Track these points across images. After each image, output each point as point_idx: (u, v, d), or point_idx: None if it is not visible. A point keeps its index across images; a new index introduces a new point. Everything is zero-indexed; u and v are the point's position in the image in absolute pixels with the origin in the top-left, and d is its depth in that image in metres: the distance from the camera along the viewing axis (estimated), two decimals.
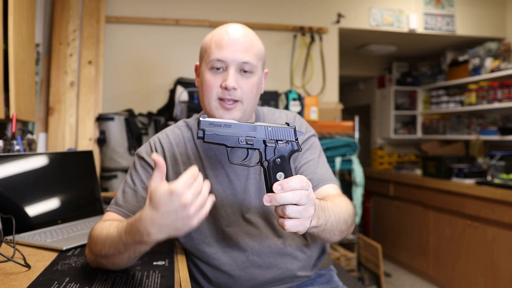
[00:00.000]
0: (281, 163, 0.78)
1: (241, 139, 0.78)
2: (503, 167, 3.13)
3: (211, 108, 0.99)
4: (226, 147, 0.79)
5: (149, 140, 1.10)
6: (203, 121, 0.77)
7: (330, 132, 2.88)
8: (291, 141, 0.81)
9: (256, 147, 0.79)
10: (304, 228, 0.74)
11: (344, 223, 0.94)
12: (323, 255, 1.15)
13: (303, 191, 0.72)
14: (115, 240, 0.81)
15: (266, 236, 1.03)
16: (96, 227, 0.91)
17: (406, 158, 4.46)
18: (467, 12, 3.62)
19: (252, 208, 1.04)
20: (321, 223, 0.83)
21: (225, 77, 0.97)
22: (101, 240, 0.85)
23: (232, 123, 0.78)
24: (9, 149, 1.49)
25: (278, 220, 0.74)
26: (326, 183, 1.05)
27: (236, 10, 3.08)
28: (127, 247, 0.79)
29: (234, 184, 1.04)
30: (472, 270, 2.99)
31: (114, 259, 0.84)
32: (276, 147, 0.79)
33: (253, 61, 0.99)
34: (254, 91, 1.01)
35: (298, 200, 0.71)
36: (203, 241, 1.04)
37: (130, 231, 0.77)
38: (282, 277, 1.03)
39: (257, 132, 0.79)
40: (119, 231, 0.81)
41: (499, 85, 3.37)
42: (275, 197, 0.71)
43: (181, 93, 2.53)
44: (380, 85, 4.76)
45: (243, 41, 0.99)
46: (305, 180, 0.74)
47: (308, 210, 0.73)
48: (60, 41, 2.57)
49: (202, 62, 1.02)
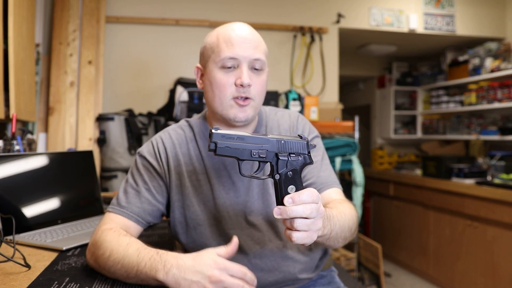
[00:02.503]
0: (293, 176, 0.77)
1: (254, 152, 0.77)
2: (503, 167, 3.13)
3: (225, 107, 0.97)
4: (238, 160, 0.78)
5: (151, 139, 1.08)
6: (216, 133, 0.75)
7: (330, 132, 2.88)
8: (303, 154, 0.80)
9: (268, 160, 0.78)
10: (311, 240, 0.74)
11: (349, 231, 0.93)
12: (325, 257, 1.15)
13: (313, 204, 0.72)
14: (131, 264, 0.81)
15: (268, 239, 1.02)
16: (110, 239, 0.88)
17: (406, 158, 4.46)
18: (467, 12, 3.62)
19: (255, 210, 1.02)
20: (327, 233, 0.83)
21: (239, 75, 0.96)
22: (115, 258, 0.84)
23: (245, 136, 0.77)
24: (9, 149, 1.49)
25: (286, 232, 0.74)
26: (329, 187, 1.04)
27: (236, 10, 3.08)
28: (138, 274, 0.80)
29: (237, 186, 1.03)
30: (472, 270, 2.99)
31: (117, 275, 0.84)
32: (289, 160, 0.78)
33: (263, 58, 0.99)
34: (264, 88, 1.01)
35: (309, 214, 0.71)
36: (205, 244, 1.03)
37: (155, 260, 0.79)
38: (283, 280, 1.03)
39: (269, 145, 0.78)
40: (139, 259, 0.81)
41: (499, 85, 3.37)
42: (285, 210, 0.71)
43: (181, 93, 2.53)
44: (380, 85, 4.76)
45: (252, 39, 0.98)
46: (315, 193, 0.74)
47: (317, 223, 0.74)
48: (60, 41, 2.57)
49: (209, 62, 1.00)
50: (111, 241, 0.87)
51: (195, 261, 0.77)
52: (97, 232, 0.93)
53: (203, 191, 1.02)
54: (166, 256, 0.79)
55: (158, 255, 0.80)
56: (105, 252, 0.85)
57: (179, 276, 0.76)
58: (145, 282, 0.81)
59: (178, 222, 1.03)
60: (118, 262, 0.83)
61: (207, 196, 1.02)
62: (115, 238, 0.88)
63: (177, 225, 1.04)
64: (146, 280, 0.80)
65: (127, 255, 0.83)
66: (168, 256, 0.79)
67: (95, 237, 0.91)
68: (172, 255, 0.79)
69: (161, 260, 0.79)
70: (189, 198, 1.02)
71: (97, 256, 0.87)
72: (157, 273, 0.77)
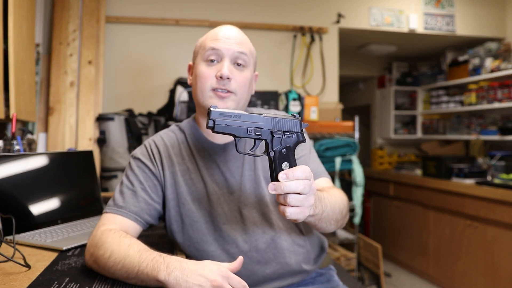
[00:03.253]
0: (287, 153, 0.81)
1: (250, 130, 0.80)
2: (503, 167, 3.13)
3: (205, 98, 1.01)
4: (235, 137, 0.80)
5: (144, 143, 1.11)
6: (214, 111, 0.77)
7: (330, 132, 2.88)
8: (296, 132, 0.83)
9: (263, 137, 0.81)
10: (304, 216, 0.78)
11: (340, 213, 0.97)
12: (323, 253, 1.17)
13: (306, 180, 0.76)
14: (132, 265, 0.81)
15: (263, 231, 1.04)
16: (111, 240, 0.88)
17: (406, 158, 4.46)
18: (467, 12, 3.62)
19: (248, 204, 1.05)
20: (318, 212, 0.86)
21: (220, 68, 1.00)
22: (116, 258, 0.84)
23: (242, 114, 0.80)
24: (9, 149, 1.49)
25: (279, 208, 0.77)
26: (318, 177, 1.09)
27: (236, 10, 3.08)
28: (139, 274, 0.80)
29: (230, 182, 1.05)
30: (472, 270, 2.99)
31: (117, 275, 0.84)
32: (283, 138, 0.81)
33: (247, 53, 1.03)
34: (247, 85, 1.04)
35: (302, 189, 0.75)
36: (201, 240, 1.04)
37: (157, 261, 0.79)
38: (281, 271, 1.04)
39: (264, 122, 0.81)
40: (141, 260, 0.81)
41: (499, 85, 3.37)
42: (280, 185, 0.75)
43: (181, 93, 2.53)
44: (380, 85, 4.76)
45: (236, 37, 1.04)
46: (308, 170, 0.77)
47: (309, 199, 0.77)
48: (60, 41, 2.57)
49: (197, 58, 1.06)
50: (112, 242, 0.88)
51: (198, 266, 0.77)
52: (96, 233, 0.93)
53: (197, 189, 1.05)
54: (170, 259, 0.80)
55: (161, 257, 0.80)
56: (106, 252, 0.85)
57: (181, 278, 0.75)
58: (145, 283, 0.80)
59: (174, 221, 1.05)
60: (118, 263, 0.83)
61: (201, 193, 1.05)
62: (115, 239, 0.88)
63: (173, 223, 1.06)
64: (146, 281, 0.80)
65: (128, 255, 0.83)
66: (171, 259, 0.80)
67: (95, 238, 0.91)
68: (176, 258, 0.80)
69: (164, 261, 0.79)
70: (184, 196, 1.05)
71: (97, 257, 0.87)
72: (159, 273, 0.77)
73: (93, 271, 0.89)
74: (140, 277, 0.80)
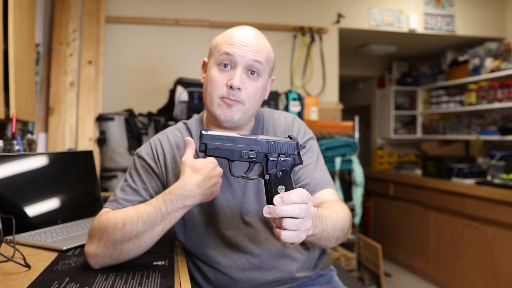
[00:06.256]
0: (283, 177, 0.78)
1: (244, 153, 0.78)
2: (503, 167, 3.13)
3: (213, 105, 1.00)
4: (228, 160, 0.79)
5: (149, 141, 1.09)
6: (206, 134, 0.77)
7: (330, 132, 2.88)
8: (293, 154, 0.81)
9: (258, 160, 0.79)
10: (300, 240, 0.75)
11: (341, 230, 0.94)
12: (324, 256, 1.15)
13: (303, 204, 0.73)
14: (151, 214, 0.87)
15: (265, 238, 1.03)
16: (116, 214, 0.91)
17: (406, 158, 4.46)
18: (467, 12, 3.62)
19: (251, 210, 1.03)
20: (318, 232, 0.84)
21: (231, 76, 0.97)
22: (132, 221, 0.88)
23: (235, 137, 0.78)
24: (9, 149, 1.49)
25: (275, 230, 0.75)
26: (323, 188, 1.05)
27: (236, 10, 3.08)
28: (165, 217, 0.87)
29: (233, 187, 1.04)
30: (472, 270, 2.99)
31: (145, 237, 0.88)
32: (278, 161, 0.79)
33: (262, 62, 1.00)
34: (258, 94, 1.01)
35: (298, 214, 0.72)
36: (202, 244, 1.04)
37: (171, 200, 0.87)
38: (282, 278, 1.03)
39: (259, 145, 0.79)
40: (153, 205, 0.88)
41: (499, 85, 3.37)
42: (274, 209, 0.72)
43: (181, 93, 2.53)
44: (380, 85, 4.76)
45: (254, 43, 1.00)
46: (305, 193, 0.74)
47: (306, 223, 0.74)
48: (60, 41, 2.57)
49: (211, 59, 1.03)
50: (117, 214, 0.91)
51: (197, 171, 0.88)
52: (95, 221, 0.94)
53: None
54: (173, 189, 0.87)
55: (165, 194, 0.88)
56: (117, 224, 0.89)
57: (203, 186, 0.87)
58: (173, 220, 0.88)
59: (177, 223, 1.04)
60: (137, 222, 0.87)
61: None
62: (118, 212, 0.92)
63: (176, 225, 1.05)
64: (174, 218, 0.88)
65: (142, 212, 0.88)
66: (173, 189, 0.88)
67: (95, 224, 0.93)
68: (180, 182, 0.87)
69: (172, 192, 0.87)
70: None
71: (108, 235, 0.89)
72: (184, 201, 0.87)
73: (93, 271, 0.89)
74: (167, 219, 0.87)
